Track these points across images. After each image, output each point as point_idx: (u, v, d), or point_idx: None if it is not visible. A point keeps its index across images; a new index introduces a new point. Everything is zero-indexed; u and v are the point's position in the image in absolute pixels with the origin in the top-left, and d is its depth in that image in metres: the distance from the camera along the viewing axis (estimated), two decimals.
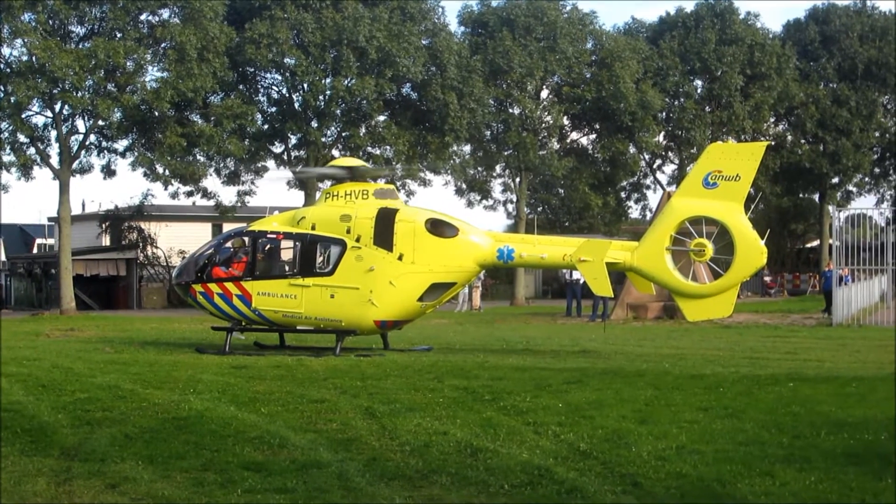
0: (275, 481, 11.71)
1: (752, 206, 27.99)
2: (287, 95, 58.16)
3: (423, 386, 19.03)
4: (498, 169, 68.43)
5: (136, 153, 54.92)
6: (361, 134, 57.39)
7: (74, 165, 53.90)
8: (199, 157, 56.99)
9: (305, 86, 55.42)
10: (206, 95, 53.93)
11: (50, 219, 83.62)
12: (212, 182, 59.40)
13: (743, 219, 25.50)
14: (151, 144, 54.62)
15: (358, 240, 26.71)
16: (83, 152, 54.37)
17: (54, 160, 53.52)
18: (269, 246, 28.22)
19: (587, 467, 12.29)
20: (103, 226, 71.92)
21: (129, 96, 50.41)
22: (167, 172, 55.26)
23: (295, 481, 11.68)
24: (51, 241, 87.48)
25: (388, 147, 58.27)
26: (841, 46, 72.62)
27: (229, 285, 27.41)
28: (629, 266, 26.50)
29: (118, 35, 51.07)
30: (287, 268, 27.74)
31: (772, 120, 74.83)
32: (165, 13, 53.38)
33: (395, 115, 59.01)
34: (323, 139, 57.31)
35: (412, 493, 11.29)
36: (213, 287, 27.57)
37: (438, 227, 26.99)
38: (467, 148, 64.84)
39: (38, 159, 53.11)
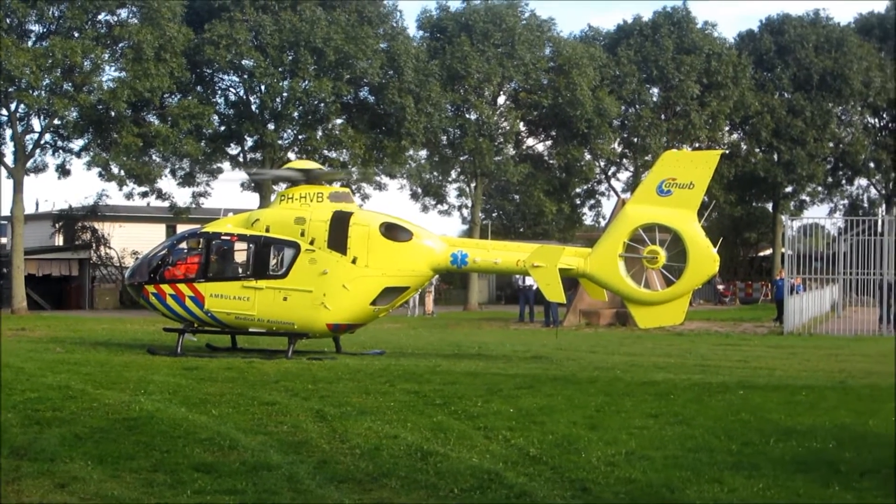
0: (225, 483, 11.67)
1: (706, 214, 28.14)
2: (244, 97, 58.07)
3: (375, 389, 19.01)
4: (453, 174, 68.56)
5: (91, 153, 54.66)
6: (318, 137, 57.29)
7: (29, 164, 53.67)
8: (154, 157, 56.82)
9: (263, 87, 55.34)
10: (162, 96, 53.76)
11: (3, 217, 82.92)
12: (167, 183, 59.13)
13: (696, 226, 25.65)
14: (107, 144, 54.37)
15: (312, 242, 26.61)
16: (38, 151, 54.20)
17: (8, 158, 53.28)
18: (222, 248, 28.05)
19: (537, 472, 12.31)
20: (56, 225, 71.60)
21: (85, 96, 50.20)
22: (122, 173, 55.02)
23: (245, 483, 11.65)
24: (3, 240, 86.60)
25: (344, 150, 58.29)
26: (796, 57, 73.12)
27: (182, 286, 27.24)
28: (582, 272, 26.55)
29: (76, 34, 50.83)
30: (240, 270, 27.59)
31: (727, 128, 75.18)
32: (123, 13, 53.21)
33: (352, 118, 59.02)
34: (279, 141, 57.25)
35: (362, 496, 11.28)
36: (166, 288, 27.39)
37: (393, 231, 26.94)
38: (423, 152, 64.90)
39: None
